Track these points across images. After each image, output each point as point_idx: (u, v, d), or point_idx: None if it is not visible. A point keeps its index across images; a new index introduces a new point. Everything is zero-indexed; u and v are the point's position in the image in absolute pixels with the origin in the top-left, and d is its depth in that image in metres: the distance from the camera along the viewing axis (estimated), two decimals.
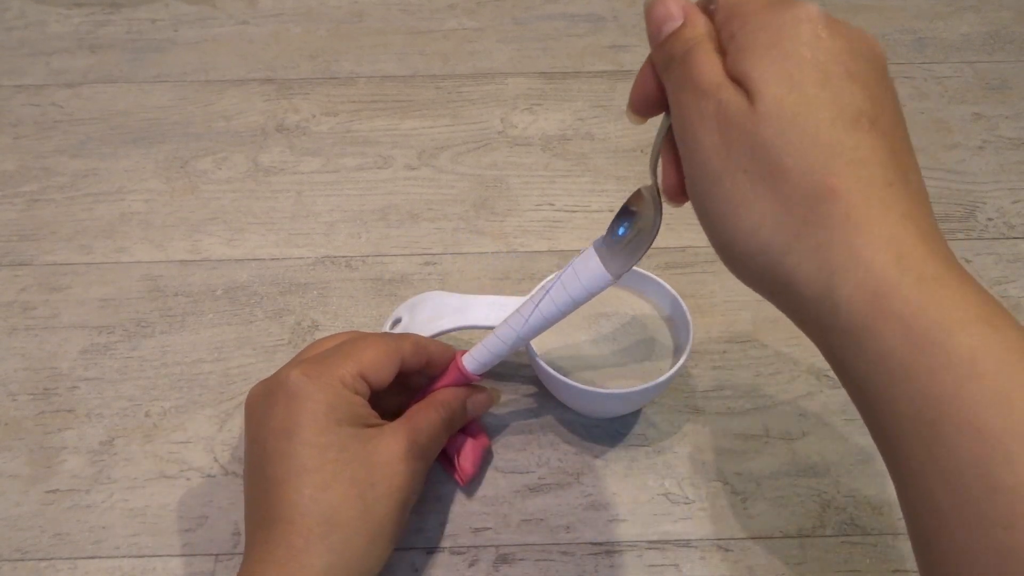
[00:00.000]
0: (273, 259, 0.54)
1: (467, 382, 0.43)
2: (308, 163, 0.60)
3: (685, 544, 0.42)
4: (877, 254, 0.25)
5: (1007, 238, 0.55)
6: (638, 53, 0.68)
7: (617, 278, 0.38)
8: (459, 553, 0.42)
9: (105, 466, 0.45)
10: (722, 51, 0.29)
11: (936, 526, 0.26)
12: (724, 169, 0.27)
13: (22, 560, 0.42)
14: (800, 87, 0.27)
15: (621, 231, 0.38)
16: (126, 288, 0.53)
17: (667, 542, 0.42)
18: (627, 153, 0.61)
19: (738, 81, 0.28)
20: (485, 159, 0.60)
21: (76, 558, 0.42)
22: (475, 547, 0.42)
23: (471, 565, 0.42)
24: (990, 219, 0.57)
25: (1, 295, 0.52)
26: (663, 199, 0.34)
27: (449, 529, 0.43)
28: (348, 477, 0.36)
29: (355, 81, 0.66)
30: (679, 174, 0.31)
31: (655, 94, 0.32)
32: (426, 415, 0.40)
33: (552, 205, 0.57)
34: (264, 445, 0.37)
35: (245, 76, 0.66)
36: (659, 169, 0.35)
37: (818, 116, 0.26)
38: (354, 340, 0.40)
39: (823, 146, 0.26)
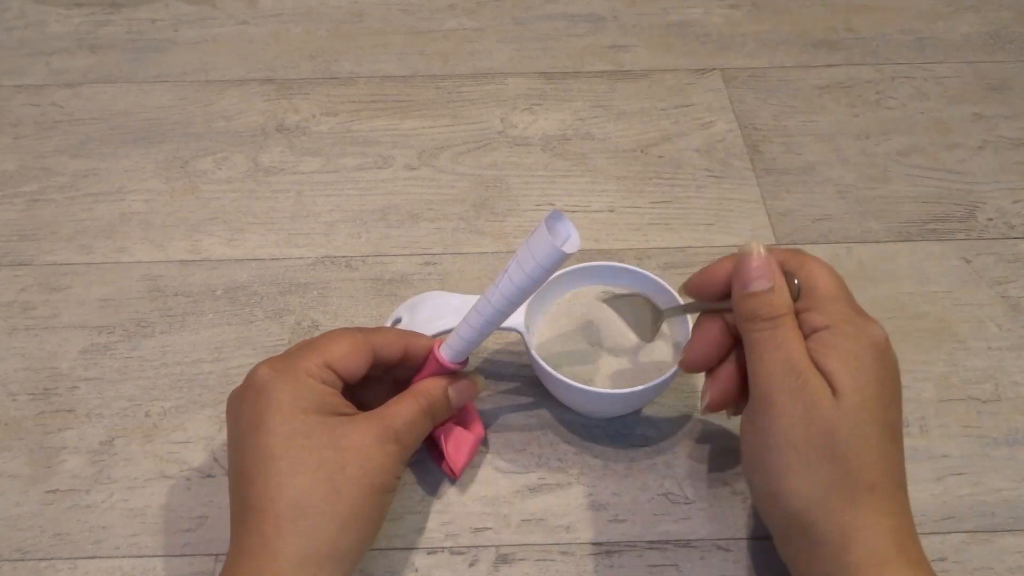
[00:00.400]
0: (273, 259, 0.54)
1: (447, 371, 0.42)
2: (308, 163, 0.60)
3: (685, 544, 0.42)
4: (884, 538, 0.34)
5: (1007, 238, 0.55)
6: (638, 53, 0.68)
7: (570, 255, 0.37)
8: (459, 553, 0.42)
9: (105, 466, 0.45)
10: (802, 332, 0.37)
11: None
12: (800, 439, 0.35)
13: (22, 560, 0.42)
14: (869, 398, 0.35)
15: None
16: (126, 288, 0.53)
17: (667, 542, 0.42)
18: (627, 153, 0.61)
19: (822, 372, 0.35)
20: (485, 159, 0.60)
21: (76, 558, 0.42)
22: (475, 547, 0.42)
23: (471, 565, 0.42)
24: (990, 219, 0.57)
25: (1, 295, 0.52)
26: (703, 409, 0.41)
27: (449, 529, 0.43)
28: (315, 462, 0.36)
29: (355, 81, 0.66)
30: (730, 396, 0.40)
31: (718, 344, 0.40)
32: (403, 402, 0.40)
33: (552, 205, 0.57)
34: (237, 441, 0.38)
35: (245, 76, 0.66)
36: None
37: (878, 427, 0.35)
38: (323, 334, 0.41)
39: (877, 448, 0.35)
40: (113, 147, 0.61)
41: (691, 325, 0.44)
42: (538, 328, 0.47)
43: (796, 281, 0.37)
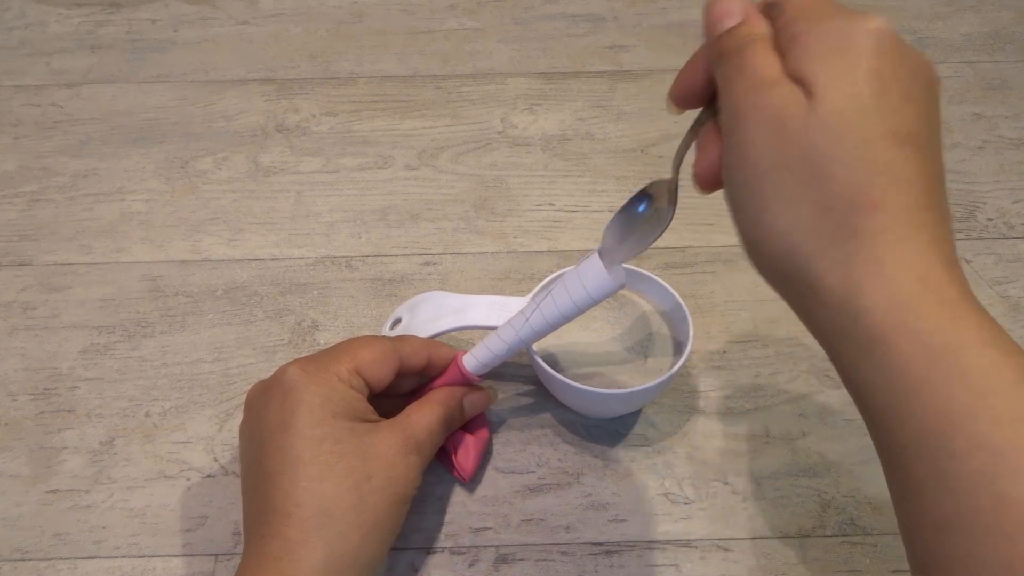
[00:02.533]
0: (273, 259, 0.54)
1: (466, 382, 0.43)
2: (308, 163, 0.60)
3: (685, 544, 0.42)
4: (902, 271, 0.26)
5: (1007, 238, 0.55)
6: (638, 53, 0.68)
7: (621, 287, 0.39)
8: (459, 553, 0.42)
9: (105, 466, 0.45)
10: (781, 53, 0.29)
11: (938, 538, 0.26)
12: (771, 164, 0.28)
13: (22, 560, 0.42)
14: (860, 97, 0.27)
15: (641, 208, 0.38)
16: (126, 288, 0.53)
17: (667, 542, 0.42)
18: (627, 153, 0.61)
19: (797, 80, 0.28)
20: (485, 159, 0.60)
21: (76, 558, 0.42)
22: (475, 547, 0.42)
23: (471, 565, 0.42)
24: (990, 219, 0.57)
25: (1, 295, 0.52)
26: (695, 185, 0.33)
27: (449, 529, 0.43)
28: (343, 469, 0.36)
29: (355, 81, 0.66)
30: (716, 161, 0.31)
31: (699, 87, 0.32)
32: (423, 412, 0.40)
33: (552, 205, 0.57)
34: (261, 439, 0.37)
35: (245, 76, 0.66)
36: (682, 165, 0.34)
37: (872, 129, 0.27)
38: (352, 339, 0.41)
39: (872, 160, 0.27)
40: (113, 147, 0.61)
41: (687, 314, 0.44)
42: None
43: (771, 4, 0.30)
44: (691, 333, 0.44)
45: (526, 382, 0.48)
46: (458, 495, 0.44)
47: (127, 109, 0.63)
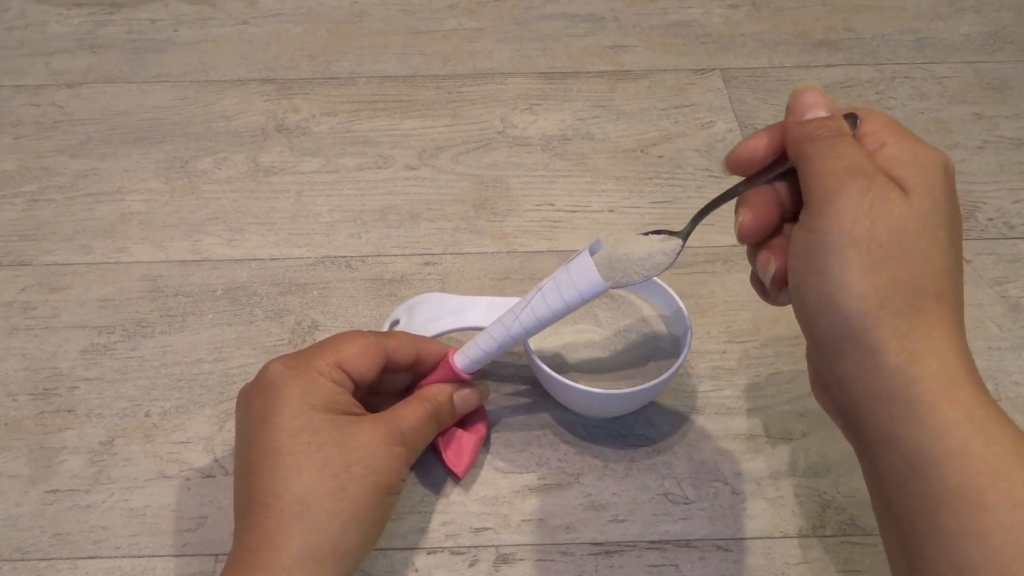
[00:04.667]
0: (273, 259, 0.54)
1: (458, 379, 0.43)
2: (308, 163, 0.60)
3: (685, 544, 0.42)
4: (952, 354, 0.31)
5: (1007, 238, 0.55)
6: (638, 53, 0.68)
7: (613, 286, 0.39)
8: (459, 553, 0.42)
9: (105, 466, 0.45)
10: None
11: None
12: (865, 234, 0.31)
13: (22, 560, 0.42)
14: (939, 205, 0.32)
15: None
16: (126, 288, 0.53)
17: (667, 542, 0.42)
18: (627, 153, 0.61)
19: (891, 178, 0.32)
20: (485, 159, 0.60)
21: (76, 558, 0.42)
22: (475, 547, 0.42)
23: (471, 565, 0.42)
24: (990, 219, 0.57)
25: (1, 295, 0.52)
26: (739, 236, 0.37)
27: (449, 529, 0.43)
28: (321, 459, 0.36)
29: (355, 81, 0.66)
30: (768, 220, 0.36)
31: (759, 160, 0.36)
32: (410, 406, 0.40)
33: (552, 205, 0.57)
34: (244, 435, 0.38)
35: (245, 76, 0.66)
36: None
37: (948, 233, 0.32)
38: (338, 335, 0.41)
39: (945, 256, 0.32)
40: (113, 147, 0.61)
41: (686, 314, 0.44)
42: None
43: (856, 116, 0.35)
44: (690, 333, 0.44)
45: (525, 382, 0.48)
46: (458, 495, 0.44)
47: (127, 109, 0.63)
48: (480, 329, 0.44)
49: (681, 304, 0.45)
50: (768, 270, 0.36)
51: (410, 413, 0.40)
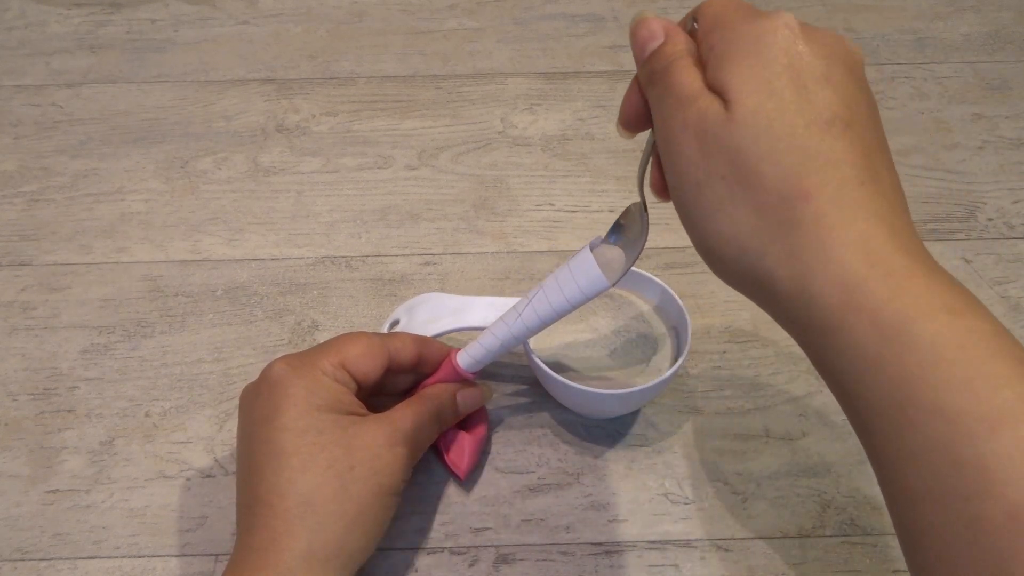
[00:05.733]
0: (273, 259, 0.54)
1: (461, 379, 0.43)
2: (308, 163, 0.60)
3: (685, 544, 0.42)
4: (847, 252, 0.27)
5: (1007, 238, 0.55)
6: None
7: (613, 283, 0.39)
8: (459, 553, 0.42)
9: (105, 466, 0.45)
10: (702, 64, 0.30)
11: (910, 506, 0.27)
12: (703, 177, 0.29)
13: (22, 560, 0.42)
14: (776, 93, 0.28)
15: (612, 239, 0.40)
16: (126, 288, 0.53)
17: (667, 542, 0.42)
18: (627, 153, 0.61)
19: (716, 90, 0.29)
20: (485, 159, 0.60)
21: (76, 558, 0.42)
22: (475, 547, 0.42)
23: (471, 565, 0.42)
24: (990, 219, 0.57)
25: (1, 295, 0.52)
26: (652, 197, 0.35)
27: (449, 529, 0.43)
28: (326, 459, 0.36)
29: (355, 81, 0.66)
30: (663, 178, 0.33)
31: (642, 110, 0.33)
32: (412, 406, 0.40)
33: (552, 205, 0.57)
34: (248, 434, 0.38)
35: (245, 76, 0.66)
36: (646, 184, 0.35)
37: (792, 121, 0.28)
38: (341, 336, 0.41)
39: (797, 150, 0.27)
40: (113, 147, 0.61)
41: (686, 314, 0.44)
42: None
43: (694, 19, 0.32)
44: (690, 333, 0.44)
45: (525, 383, 0.48)
46: (458, 495, 0.44)
47: (127, 109, 0.63)
48: (480, 329, 0.44)
49: (681, 304, 0.45)
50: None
51: (413, 413, 0.40)
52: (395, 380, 0.43)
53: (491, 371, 0.49)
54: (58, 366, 0.49)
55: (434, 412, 0.41)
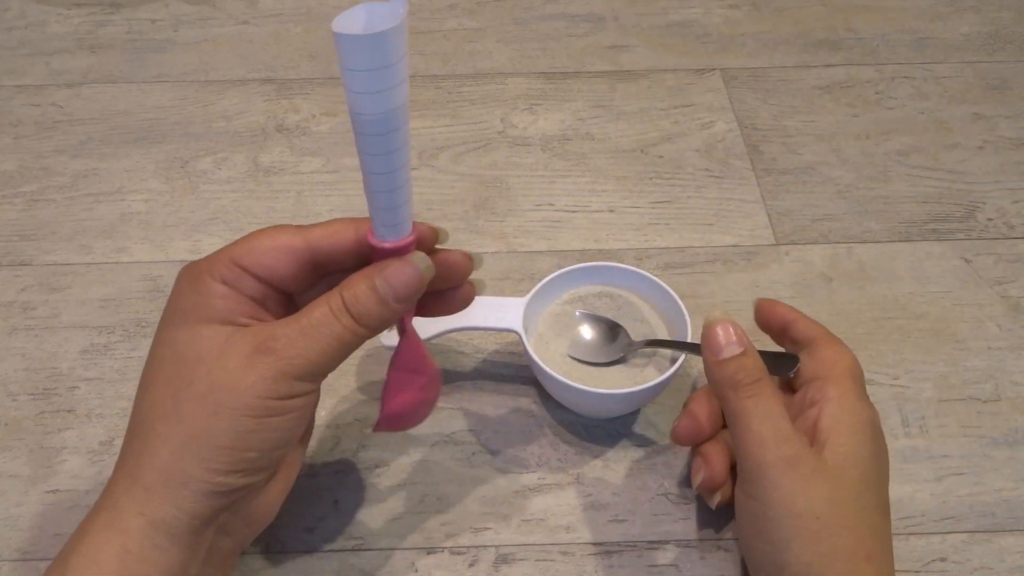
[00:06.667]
0: None
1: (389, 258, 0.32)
2: (308, 163, 0.60)
3: (685, 544, 0.42)
4: None
5: (1007, 238, 0.55)
6: (638, 53, 0.68)
7: (385, 34, 0.26)
8: (459, 553, 0.42)
9: (105, 466, 0.45)
10: (792, 391, 0.41)
11: None
12: (801, 511, 0.35)
13: (22, 560, 0.42)
14: (868, 472, 0.36)
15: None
16: (126, 288, 0.53)
17: (667, 542, 0.42)
18: (627, 153, 0.61)
19: (822, 438, 0.37)
20: (485, 159, 0.60)
21: None
22: (475, 547, 0.42)
23: (471, 565, 0.42)
24: (990, 219, 0.57)
25: (1, 295, 0.52)
26: (672, 437, 0.42)
27: (449, 529, 0.43)
28: (167, 375, 0.31)
29: None
30: (726, 472, 0.41)
31: (705, 432, 0.41)
32: (307, 309, 0.32)
33: (552, 205, 0.57)
34: None
35: (245, 76, 0.66)
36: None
37: (874, 495, 0.36)
38: (257, 230, 0.34)
39: (873, 522, 0.36)
40: (113, 147, 0.61)
41: (686, 314, 0.44)
42: (536, 329, 0.47)
43: (796, 360, 0.40)
44: (689, 333, 0.44)
45: (525, 382, 0.48)
46: (458, 495, 0.44)
47: (127, 109, 0.63)
48: (480, 329, 0.44)
49: (681, 304, 0.45)
50: (696, 478, 0.40)
51: (304, 312, 0.32)
52: (335, 281, 0.33)
53: (491, 371, 0.49)
54: (58, 366, 0.49)
55: (337, 307, 0.32)
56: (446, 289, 0.37)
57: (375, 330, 0.32)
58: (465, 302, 0.38)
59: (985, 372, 0.49)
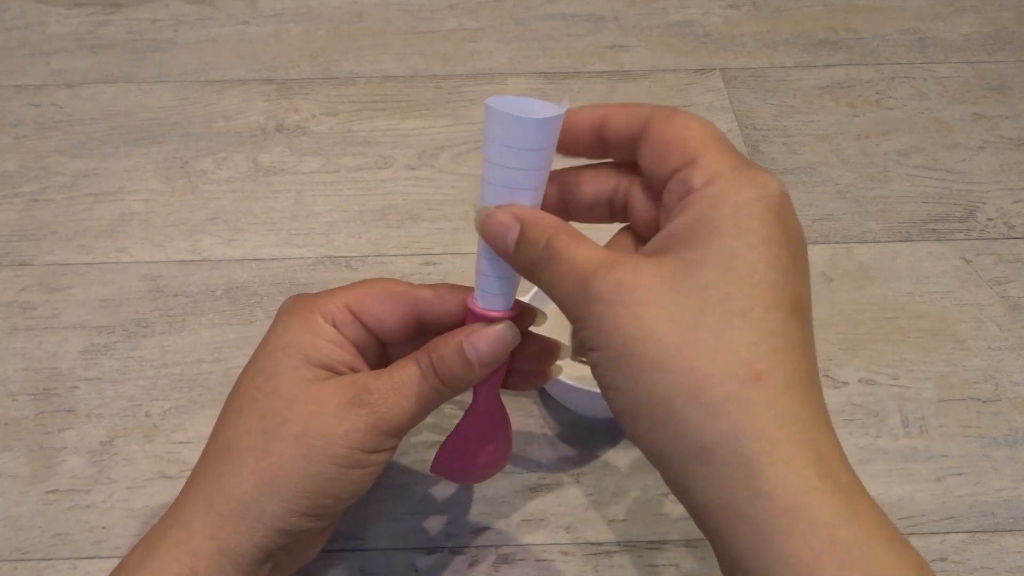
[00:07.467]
0: (273, 259, 0.54)
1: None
2: (308, 163, 0.60)
3: (685, 544, 0.42)
4: (799, 454, 0.25)
5: (1007, 238, 0.55)
6: (638, 53, 0.68)
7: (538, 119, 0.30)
8: (459, 553, 0.42)
9: (105, 466, 0.45)
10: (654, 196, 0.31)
11: None
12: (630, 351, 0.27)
13: (22, 560, 0.42)
14: (757, 262, 0.26)
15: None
16: (126, 288, 0.53)
17: (667, 542, 0.42)
18: None
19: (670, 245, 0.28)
20: None
21: (76, 558, 0.42)
22: (475, 547, 0.42)
23: (471, 565, 0.42)
24: (990, 219, 0.57)
25: (1, 295, 0.52)
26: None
27: (449, 529, 0.43)
28: (262, 409, 0.32)
29: (355, 81, 0.66)
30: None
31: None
32: (398, 365, 0.33)
33: None
34: None
35: (245, 76, 0.66)
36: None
37: (768, 298, 0.26)
38: (368, 278, 0.36)
39: (757, 327, 0.26)
40: (113, 147, 0.61)
41: None
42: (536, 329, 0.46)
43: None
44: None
45: None
46: (458, 495, 0.44)
47: (127, 109, 0.63)
48: None
49: None
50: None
51: (395, 368, 0.32)
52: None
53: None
54: (58, 366, 0.49)
55: (425, 367, 0.32)
56: (526, 368, 0.37)
57: (457, 391, 0.33)
58: (541, 382, 0.38)
59: (985, 372, 0.49)
